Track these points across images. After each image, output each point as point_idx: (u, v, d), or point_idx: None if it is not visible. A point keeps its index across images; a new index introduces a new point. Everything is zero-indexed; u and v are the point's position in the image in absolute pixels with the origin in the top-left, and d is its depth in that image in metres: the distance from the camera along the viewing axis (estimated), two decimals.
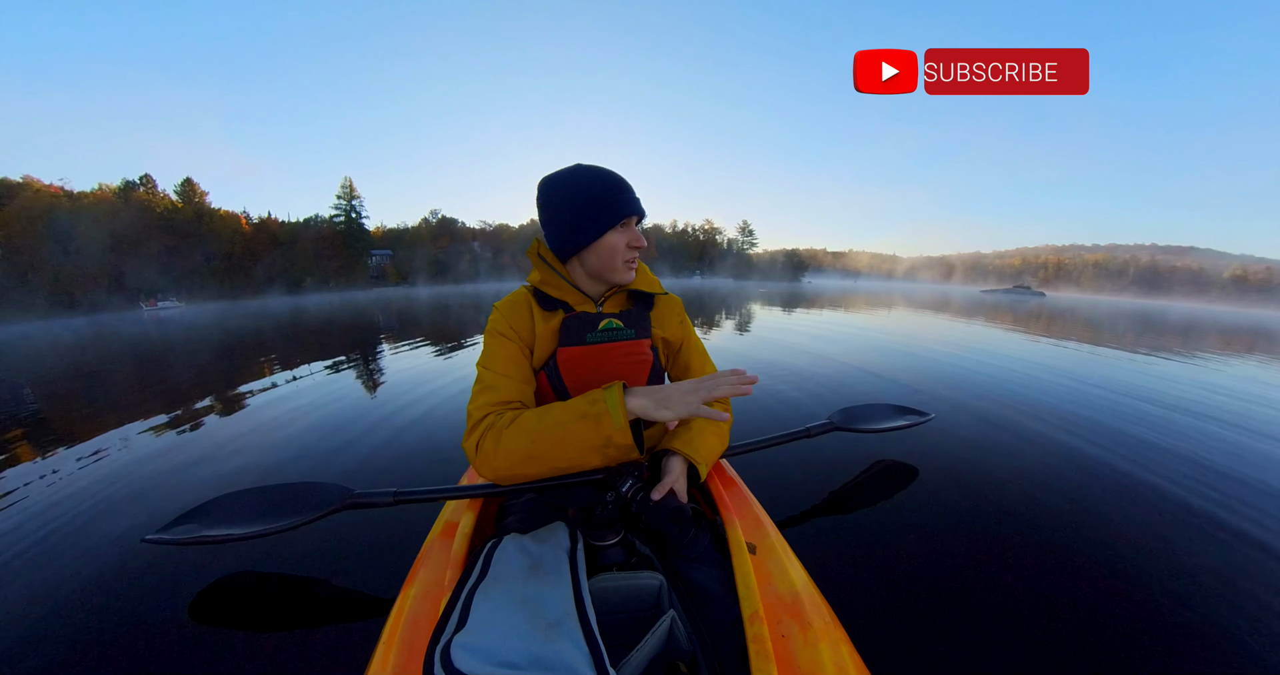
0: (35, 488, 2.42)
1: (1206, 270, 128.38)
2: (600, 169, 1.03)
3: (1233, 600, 1.54)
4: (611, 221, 0.99)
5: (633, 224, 1.03)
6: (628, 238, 1.02)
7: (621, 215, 1.00)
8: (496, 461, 0.88)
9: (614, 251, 1.01)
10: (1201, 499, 2.22)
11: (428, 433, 3.00)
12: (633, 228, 1.03)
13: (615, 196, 1.00)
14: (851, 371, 4.93)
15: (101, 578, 1.63)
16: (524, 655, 0.59)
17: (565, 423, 0.83)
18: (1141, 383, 4.89)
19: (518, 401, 0.98)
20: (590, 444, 0.83)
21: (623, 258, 1.03)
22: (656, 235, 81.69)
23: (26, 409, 4.28)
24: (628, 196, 1.01)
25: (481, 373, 1.01)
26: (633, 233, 1.03)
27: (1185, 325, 15.37)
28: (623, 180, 1.03)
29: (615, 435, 0.82)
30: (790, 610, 0.83)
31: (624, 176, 1.04)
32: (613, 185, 1.01)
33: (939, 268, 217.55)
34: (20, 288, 27.54)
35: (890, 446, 2.62)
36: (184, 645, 1.33)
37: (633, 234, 1.03)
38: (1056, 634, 1.38)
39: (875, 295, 30.42)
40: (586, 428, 0.82)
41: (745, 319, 11.24)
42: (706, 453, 1.03)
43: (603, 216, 0.99)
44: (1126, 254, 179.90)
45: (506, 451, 0.86)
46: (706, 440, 1.05)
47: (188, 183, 40.96)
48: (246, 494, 1.49)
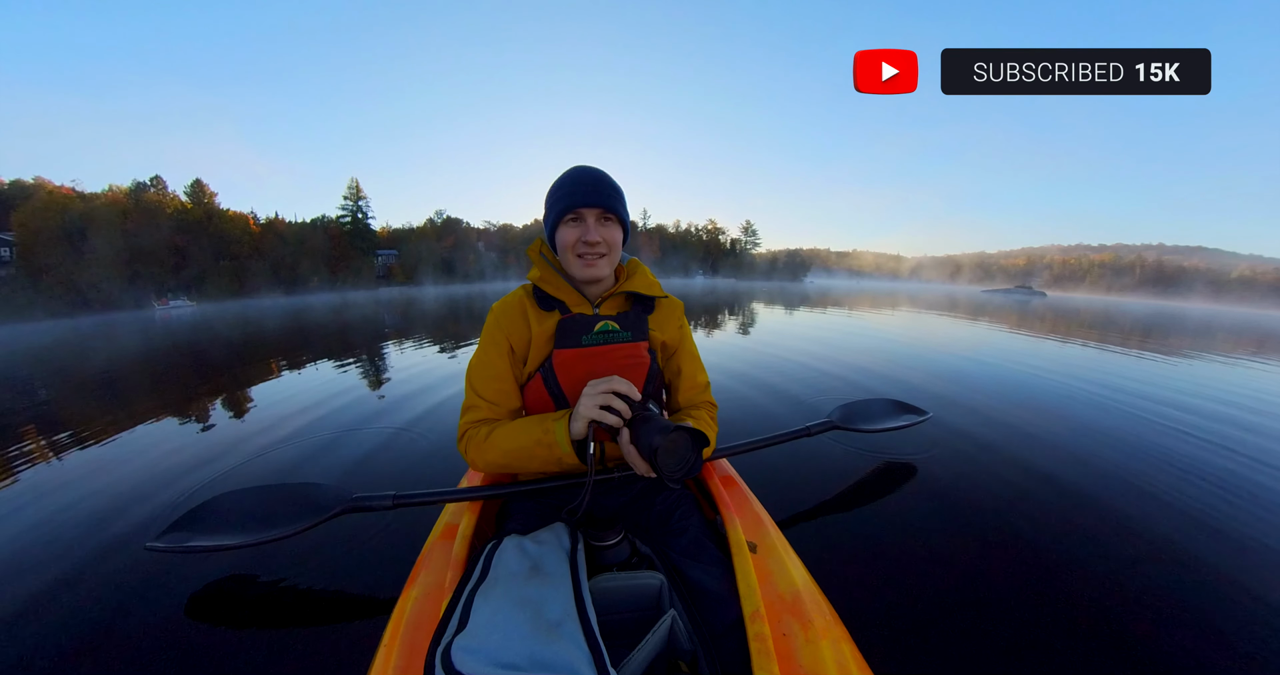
0: (35, 487, 2.44)
1: (1214, 270, 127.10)
2: (577, 167, 1.05)
3: (1238, 599, 1.52)
4: (557, 216, 1.02)
5: (589, 220, 1.01)
6: (579, 233, 1.01)
7: (564, 208, 1.00)
8: (480, 466, 1.06)
9: (564, 246, 1.03)
10: (1204, 498, 2.21)
11: (427, 434, 3.02)
12: (586, 224, 1.01)
13: (566, 190, 1.01)
14: (850, 370, 4.92)
15: (102, 580, 1.63)
16: (524, 656, 0.60)
17: (527, 447, 0.97)
18: (1141, 381, 4.85)
19: (492, 419, 1.07)
20: (547, 461, 0.97)
21: (573, 252, 1.03)
22: (660, 235, 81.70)
23: (36, 406, 4.32)
24: (579, 190, 1.00)
25: (467, 389, 1.09)
26: (584, 228, 1.01)
27: (1170, 324, 15.21)
28: (588, 176, 1.02)
29: (565, 457, 0.95)
30: (791, 609, 0.83)
31: (606, 175, 1.04)
32: (570, 180, 1.02)
33: (943, 268, 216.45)
34: (33, 288, 27.90)
35: (890, 444, 2.61)
36: (184, 647, 1.34)
37: (583, 230, 1.01)
38: (1057, 632, 1.37)
39: (876, 295, 30.30)
40: (543, 451, 0.96)
41: (746, 319, 11.22)
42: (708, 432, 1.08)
43: (554, 210, 1.03)
44: (1133, 254, 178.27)
45: (486, 461, 1.03)
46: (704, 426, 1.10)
47: (197, 184, 41.30)
48: (248, 493, 1.49)
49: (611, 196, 1.02)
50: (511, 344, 1.06)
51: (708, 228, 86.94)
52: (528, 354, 1.06)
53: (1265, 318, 25.31)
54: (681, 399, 1.19)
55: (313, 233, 48.33)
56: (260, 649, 1.33)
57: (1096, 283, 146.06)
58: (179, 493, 2.29)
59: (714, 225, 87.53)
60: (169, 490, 2.33)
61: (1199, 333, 12.15)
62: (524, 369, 1.08)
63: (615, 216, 1.03)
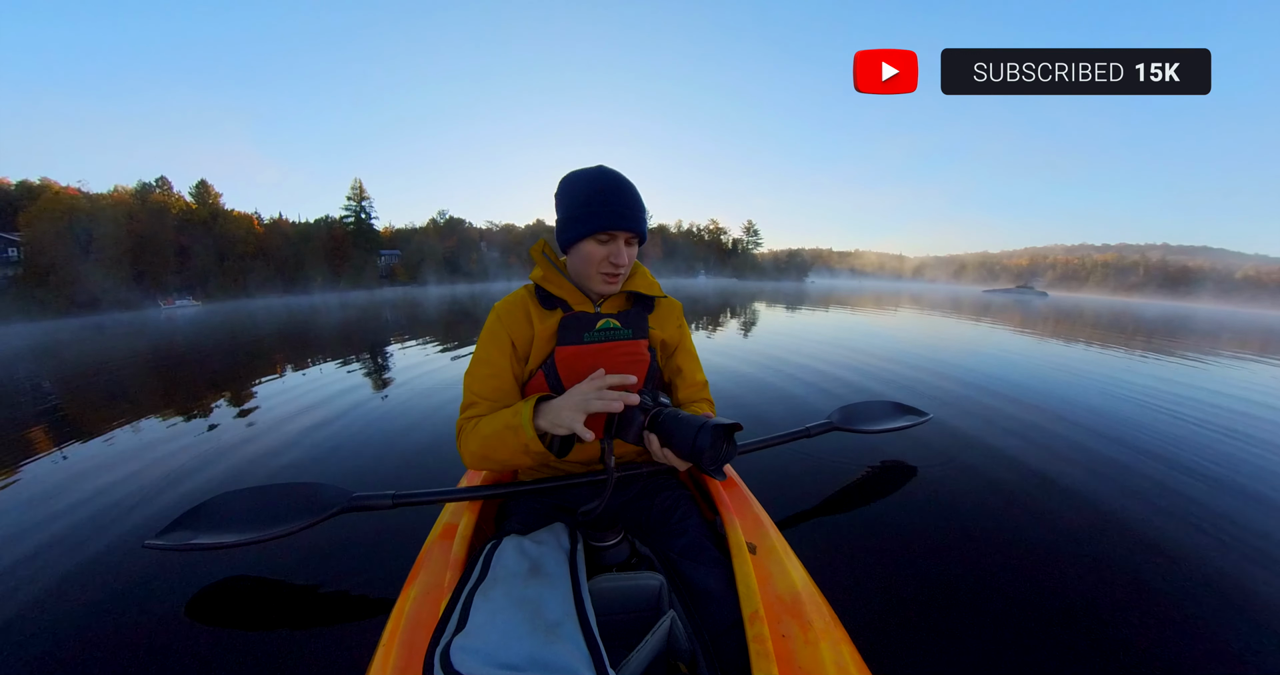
0: (37, 484, 2.46)
1: (1219, 270, 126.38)
2: (607, 175, 1.00)
3: (1235, 599, 1.52)
4: (587, 230, 0.97)
5: (620, 241, 0.99)
6: (607, 252, 0.99)
7: (597, 227, 0.96)
8: (465, 459, 1.02)
9: (588, 261, 1.01)
10: (1205, 498, 2.20)
11: (427, 434, 3.03)
12: (617, 244, 0.99)
13: (600, 207, 0.96)
14: (850, 370, 4.91)
15: (101, 579, 1.64)
16: (524, 656, 0.60)
17: (498, 431, 0.93)
18: (1141, 381, 4.84)
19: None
20: (515, 449, 0.92)
21: (598, 269, 1.01)
22: (661, 235, 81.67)
23: (37, 405, 4.35)
24: (614, 210, 0.96)
25: (465, 388, 1.07)
26: (613, 249, 0.98)
27: (1178, 326, 15.12)
28: (621, 191, 0.98)
29: (530, 444, 0.89)
30: (791, 610, 0.83)
31: (635, 189, 1.00)
32: (604, 194, 0.97)
33: (946, 267, 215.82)
34: (41, 287, 28.09)
35: (890, 445, 2.61)
36: (183, 647, 1.34)
37: (613, 251, 0.98)
38: (1057, 633, 1.37)
39: (877, 295, 30.23)
40: (510, 436, 0.91)
41: (746, 319, 11.21)
42: None
43: (582, 224, 0.98)
44: (1136, 253, 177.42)
45: (469, 452, 1.00)
46: None
47: (202, 184, 41.46)
48: (247, 493, 1.50)
49: (643, 219, 1.01)
50: (514, 342, 1.06)
51: (709, 228, 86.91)
52: (530, 352, 1.07)
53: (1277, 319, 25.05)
54: (681, 397, 1.20)
55: (316, 233, 48.51)
56: (259, 647, 1.34)
57: (1101, 283, 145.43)
58: (178, 491, 2.30)
59: (716, 225, 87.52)
60: (168, 489, 2.33)
61: (1207, 333, 12.08)
62: (525, 367, 1.08)
63: (640, 238, 1.03)
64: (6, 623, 1.45)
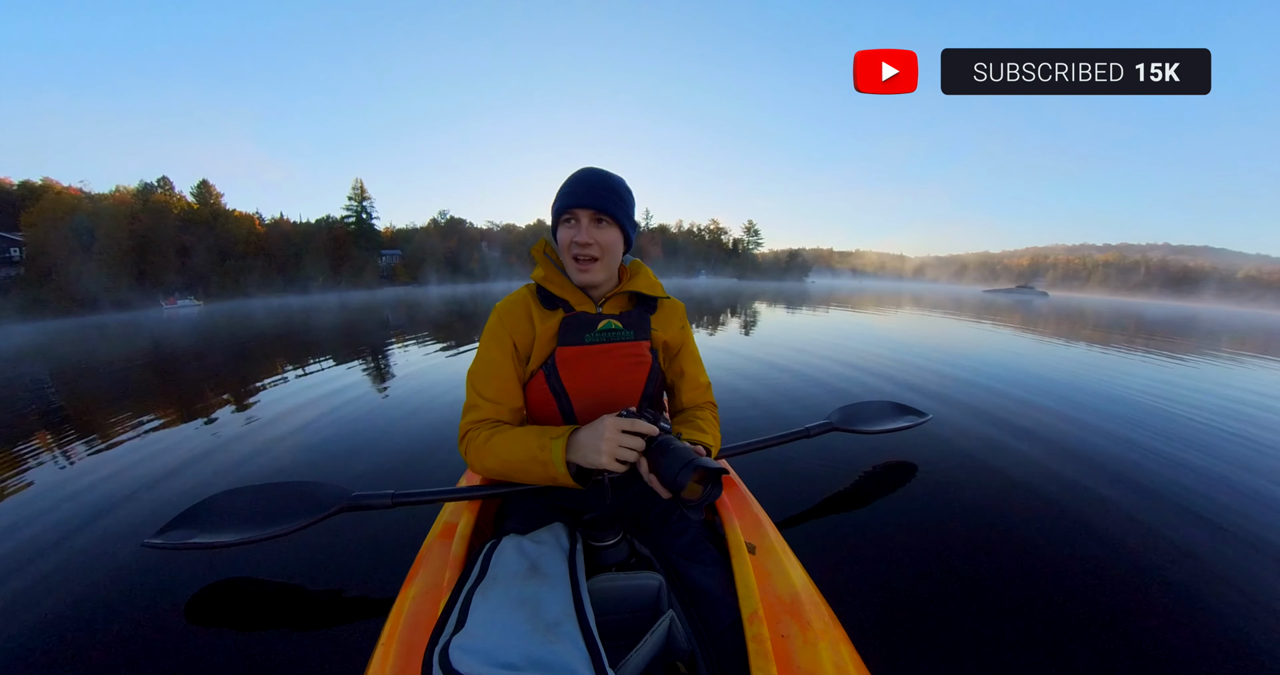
0: (37, 484, 2.46)
1: (1220, 270, 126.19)
2: (582, 169, 1.05)
3: (1234, 599, 1.52)
4: (555, 218, 1.04)
5: (582, 221, 1.00)
6: (571, 233, 1.01)
7: (557, 209, 1.03)
8: (478, 470, 1.04)
9: (563, 249, 1.05)
10: (1205, 498, 2.19)
11: (427, 433, 3.03)
12: (580, 224, 1.00)
13: (564, 191, 1.02)
14: (849, 370, 4.91)
15: (100, 578, 1.64)
16: (522, 656, 0.60)
17: (523, 460, 0.94)
18: (1141, 381, 4.83)
19: (494, 419, 1.05)
20: (542, 478, 0.94)
21: (569, 254, 1.04)
22: (662, 235, 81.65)
23: (37, 404, 4.36)
24: (575, 190, 1.00)
25: (468, 389, 1.07)
26: (576, 230, 1.00)
27: (1184, 326, 15.09)
28: (587, 177, 1.01)
29: (560, 477, 0.91)
30: (790, 610, 0.83)
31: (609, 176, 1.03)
32: (570, 181, 1.03)
33: (947, 267, 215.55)
34: (42, 287, 28.15)
35: (889, 446, 2.61)
36: (182, 646, 1.34)
37: (576, 231, 1.00)
38: (1056, 633, 1.37)
39: (878, 295, 30.20)
40: (538, 468, 0.93)
41: (747, 318, 11.20)
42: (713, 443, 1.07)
43: (553, 211, 1.05)
44: (1138, 253, 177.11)
45: (484, 467, 1.02)
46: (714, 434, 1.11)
47: (204, 185, 41.49)
48: (246, 492, 1.50)
49: (606, 198, 1.00)
50: (515, 342, 1.06)
51: (710, 228, 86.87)
52: (531, 352, 1.06)
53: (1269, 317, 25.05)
54: (684, 399, 1.19)
55: (317, 233, 48.53)
56: (257, 647, 1.34)
57: (1102, 283, 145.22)
58: (178, 491, 2.30)
59: (716, 225, 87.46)
60: (167, 488, 2.34)
61: (1209, 333, 12.06)
62: (526, 367, 1.08)
63: (611, 218, 1.01)
64: (5, 622, 1.45)
